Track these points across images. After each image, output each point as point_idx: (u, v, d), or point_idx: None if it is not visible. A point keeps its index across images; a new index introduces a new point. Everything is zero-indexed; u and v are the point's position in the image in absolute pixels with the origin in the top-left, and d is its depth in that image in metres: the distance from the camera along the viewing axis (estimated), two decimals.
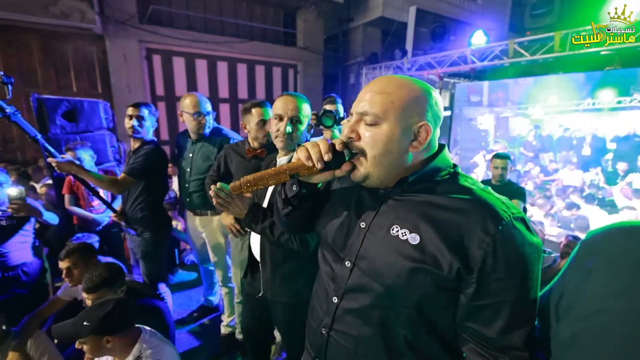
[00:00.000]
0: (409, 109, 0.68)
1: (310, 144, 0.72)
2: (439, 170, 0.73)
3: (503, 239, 0.62)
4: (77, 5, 4.83)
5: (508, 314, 0.64)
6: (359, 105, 0.72)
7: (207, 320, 2.72)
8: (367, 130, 0.70)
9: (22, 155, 5.18)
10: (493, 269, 0.63)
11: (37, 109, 2.96)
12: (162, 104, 6.04)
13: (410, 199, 0.72)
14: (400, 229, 0.70)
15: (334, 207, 0.86)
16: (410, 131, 0.69)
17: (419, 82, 0.72)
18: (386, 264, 0.70)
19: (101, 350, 1.34)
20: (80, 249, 1.96)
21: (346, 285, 0.77)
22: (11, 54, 4.84)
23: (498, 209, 0.65)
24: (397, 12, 7.12)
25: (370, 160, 0.70)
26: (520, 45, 4.65)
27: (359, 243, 0.75)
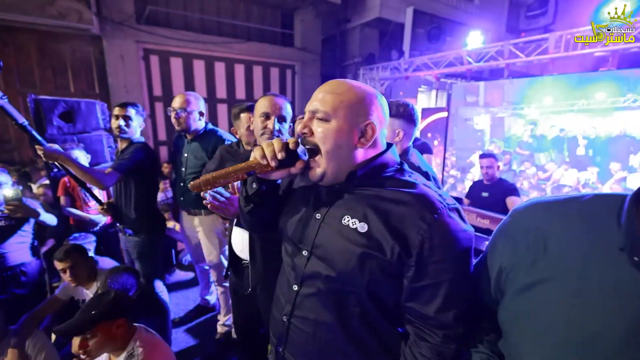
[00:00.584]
0: (356, 108, 0.76)
1: (265, 143, 0.77)
2: (386, 165, 0.82)
3: (438, 226, 0.71)
4: (74, 6, 4.83)
5: (444, 294, 0.73)
6: (311, 104, 0.78)
7: (203, 319, 2.75)
8: (319, 126, 0.77)
9: (20, 156, 5.17)
10: (430, 253, 0.71)
11: (35, 110, 2.97)
12: (160, 105, 6.05)
13: (361, 192, 0.79)
14: (351, 218, 0.77)
15: (294, 204, 0.92)
16: (358, 128, 0.77)
17: (366, 87, 0.80)
18: (338, 250, 0.77)
19: (107, 343, 1.37)
20: (76, 249, 1.98)
21: (304, 273, 0.84)
22: (8, 54, 4.83)
23: (435, 200, 0.74)
24: (394, 13, 7.14)
25: (324, 156, 0.77)
26: (515, 46, 4.70)
27: (315, 233, 0.82)
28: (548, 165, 4.13)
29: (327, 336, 0.83)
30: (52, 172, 3.13)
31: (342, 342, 0.82)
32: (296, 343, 0.88)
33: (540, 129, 4.03)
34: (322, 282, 0.81)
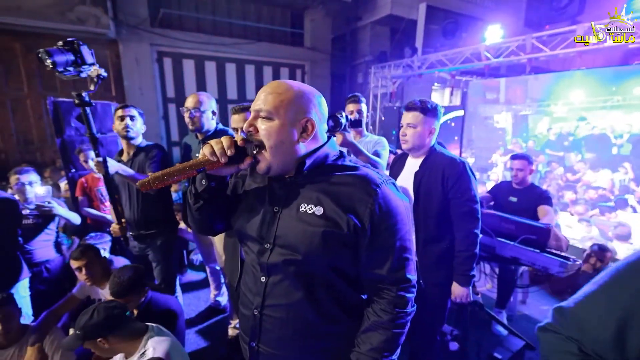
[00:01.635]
0: (296, 106, 0.83)
1: (214, 140, 0.82)
2: (329, 155, 0.91)
3: (381, 196, 0.83)
4: (92, 11, 4.97)
5: (394, 255, 0.86)
6: (255, 104, 0.85)
7: (215, 321, 2.75)
8: (263, 124, 0.83)
9: (42, 156, 5.37)
10: (379, 220, 0.83)
11: (54, 112, 3.07)
12: (173, 106, 6.16)
13: (311, 181, 0.87)
14: (307, 205, 0.85)
15: (249, 204, 0.96)
16: (299, 125, 0.84)
17: (305, 86, 0.88)
18: (300, 234, 0.84)
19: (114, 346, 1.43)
20: (91, 248, 2.03)
21: (268, 264, 0.89)
22: (31, 60, 5.03)
23: (375, 177, 0.86)
24: (407, 10, 7.01)
25: (269, 151, 0.83)
26: (538, 40, 4.47)
27: (275, 225, 0.88)
28: (578, 165, 3.89)
29: (301, 316, 0.89)
30: (70, 172, 3.23)
31: (314, 318, 0.89)
32: (270, 332, 0.93)
33: (568, 127, 3.81)
34: (289, 267, 0.86)
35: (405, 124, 1.73)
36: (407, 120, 1.72)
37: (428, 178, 1.70)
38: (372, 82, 6.97)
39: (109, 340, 1.40)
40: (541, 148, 4.21)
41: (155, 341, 1.45)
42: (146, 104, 5.68)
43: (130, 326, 1.47)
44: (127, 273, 1.75)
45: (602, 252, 3.04)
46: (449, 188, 1.65)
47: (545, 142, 4.08)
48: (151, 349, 1.42)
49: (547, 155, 4.11)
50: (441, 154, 1.74)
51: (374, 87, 6.97)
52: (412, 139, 1.72)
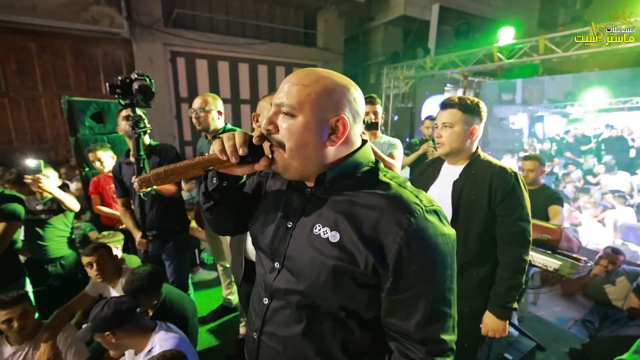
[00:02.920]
0: (325, 102, 0.68)
1: (226, 135, 0.70)
2: (359, 165, 0.74)
3: (416, 231, 0.64)
4: (107, 11, 5.02)
5: (425, 307, 0.65)
6: (277, 97, 0.71)
7: (226, 320, 2.74)
8: (284, 122, 0.69)
9: (56, 154, 5.44)
10: (407, 262, 0.64)
11: (68, 111, 3.09)
12: (186, 105, 6.19)
13: (333, 197, 0.73)
14: (322, 227, 0.71)
15: (265, 209, 0.85)
16: (327, 125, 0.69)
17: (339, 76, 0.72)
18: (308, 262, 0.71)
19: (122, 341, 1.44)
20: (103, 246, 2.02)
21: (272, 286, 0.77)
22: (46, 59, 5.10)
23: (411, 203, 0.66)
24: (419, 11, 6.96)
25: (288, 152, 0.69)
26: (551, 41, 4.42)
27: (286, 243, 0.76)
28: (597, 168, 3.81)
29: (298, 354, 0.75)
30: (84, 171, 3.25)
31: (313, 358, 0.74)
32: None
33: (586, 129, 3.74)
34: (292, 296, 0.74)
35: (441, 124, 1.49)
36: (442, 119, 1.48)
37: (471, 189, 1.44)
38: (385, 83, 6.93)
39: (116, 335, 1.41)
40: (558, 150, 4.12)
41: (162, 338, 1.46)
42: (159, 103, 5.70)
43: (138, 322, 1.48)
44: (142, 275, 1.74)
45: (614, 255, 3.00)
46: (497, 203, 1.40)
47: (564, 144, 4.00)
48: (158, 346, 1.43)
49: (564, 158, 4.02)
50: (487, 162, 1.49)
51: (386, 87, 6.93)
52: (449, 140, 1.47)
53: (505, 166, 1.45)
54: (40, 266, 2.37)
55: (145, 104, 1.77)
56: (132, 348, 1.50)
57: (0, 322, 1.65)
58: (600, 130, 3.63)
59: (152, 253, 2.33)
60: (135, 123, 1.85)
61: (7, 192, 2.03)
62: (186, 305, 1.90)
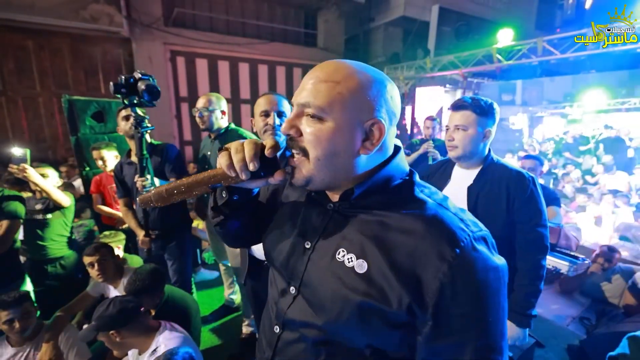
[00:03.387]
0: (360, 102, 0.57)
1: (235, 146, 0.60)
2: (392, 178, 0.63)
3: (462, 265, 0.52)
4: (106, 10, 5.00)
5: (473, 354, 0.54)
6: (300, 96, 0.60)
7: (228, 319, 2.73)
8: (309, 126, 0.58)
9: (54, 154, 5.40)
10: (452, 303, 0.53)
11: (69, 110, 3.07)
12: (186, 105, 6.18)
13: (360, 215, 0.62)
14: (347, 253, 0.60)
15: (280, 222, 0.75)
16: (361, 129, 0.58)
17: (373, 70, 0.61)
18: (329, 295, 0.60)
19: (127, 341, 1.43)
20: (104, 246, 2.01)
21: (285, 315, 0.67)
22: (44, 57, 5.06)
23: (455, 229, 0.55)
24: (419, 12, 6.99)
25: (314, 163, 0.59)
26: (549, 43, 4.46)
27: (303, 266, 0.65)
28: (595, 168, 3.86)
29: None
30: (85, 170, 3.22)
31: None
32: None
33: (585, 129, 3.78)
34: (310, 331, 0.64)
35: (453, 126, 1.41)
36: (455, 120, 1.40)
37: (488, 196, 1.37)
38: None
39: (121, 334, 1.40)
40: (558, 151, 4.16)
41: (166, 338, 1.45)
42: (159, 102, 5.63)
43: (143, 322, 1.48)
44: (145, 274, 1.73)
45: (610, 253, 3.03)
46: (516, 209, 1.35)
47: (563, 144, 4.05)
48: (163, 345, 1.42)
49: (564, 158, 4.07)
50: (502, 166, 1.42)
51: None
52: (462, 144, 1.39)
53: (522, 171, 1.40)
54: (40, 267, 2.34)
55: (150, 104, 1.76)
56: (136, 348, 1.49)
57: (2, 322, 1.63)
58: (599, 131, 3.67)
59: (154, 253, 2.32)
60: (139, 122, 1.83)
61: (7, 192, 2.01)
62: (188, 304, 1.90)
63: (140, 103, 1.73)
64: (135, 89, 1.70)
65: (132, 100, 1.74)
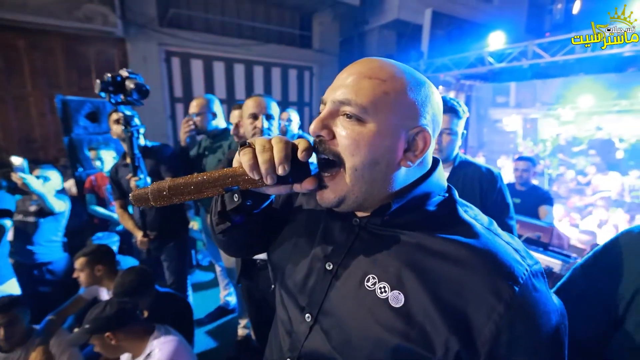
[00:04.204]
0: (407, 106, 0.50)
1: (262, 143, 0.51)
2: (431, 195, 0.55)
3: (522, 306, 0.44)
4: (100, 9, 4.95)
5: None
6: (336, 92, 0.51)
7: (224, 321, 2.72)
8: (346, 128, 0.50)
9: (45, 154, 5.31)
10: (509, 351, 0.44)
11: (62, 110, 3.03)
12: (181, 106, 6.14)
13: (394, 235, 0.53)
14: (379, 281, 0.51)
15: (294, 233, 0.65)
16: (405, 137, 0.51)
17: (418, 73, 0.54)
18: (357, 331, 0.51)
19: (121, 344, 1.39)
20: (95, 252, 1.96)
21: (302, 347, 0.58)
22: (36, 57, 4.99)
23: (511, 263, 0.46)
24: (413, 15, 7.06)
25: (350, 172, 0.51)
26: (539, 46, 4.55)
27: (324, 291, 0.56)
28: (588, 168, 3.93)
29: None
30: (77, 171, 3.18)
31: None
32: None
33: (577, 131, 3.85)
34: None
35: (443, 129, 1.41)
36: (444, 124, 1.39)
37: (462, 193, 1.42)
38: None
39: (116, 336, 1.38)
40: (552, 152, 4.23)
41: (161, 342, 1.42)
42: (153, 103, 5.65)
43: (138, 324, 1.45)
44: (132, 276, 1.69)
45: None
46: (489, 205, 1.39)
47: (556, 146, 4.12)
48: (157, 349, 1.39)
49: (557, 159, 4.14)
50: (472, 164, 1.47)
51: None
52: (448, 147, 1.40)
53: (491, 168, 1.46)
54: (28, 271, 2.30)
55: (138, 103, 1.73)
56: (130, 352, 1.45)
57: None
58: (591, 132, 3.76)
59: (153, 254, 2.30)
60: (127, 122, 1.79)
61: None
62: (178, 304, 1.86)
63: (127, 102, 1.69)
64: (123, 87, 1.67)
65: (118, 99, 1.70)
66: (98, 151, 2.72)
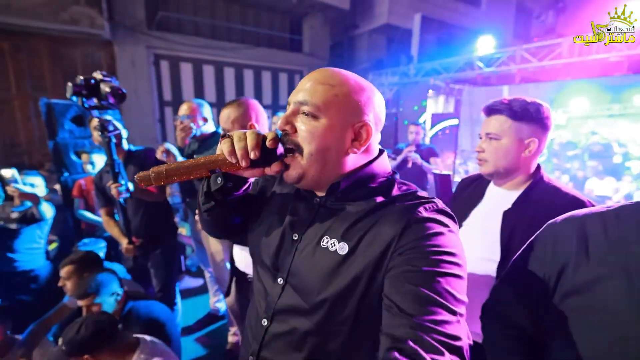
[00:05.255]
0: (352, 105, 0.65)
1: (237, 135, 0.64)
2: (375, 176, 0.70)
3: (422, 219, 0.61)
4: (87, 12, 4.89)
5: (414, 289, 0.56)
6: (297, 95, 0.65)
7: (213, 328, 2.68)
8: (304, 124, 0.64)
9: (29, 159, 5.20)
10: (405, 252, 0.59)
11: (47, 114, 2.97)
12: (169, 109, 6.09)
13: (344, 208, 0.68)
14: (330, 239, 0.66)
15: (268, 216, 0.78)
16: (351, 130, 0.65)
17: (363, 79, 0.69)
18: (315, 278, 0.65)
19: None
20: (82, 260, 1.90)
21: (276, 305, 0.70)
22: (21, 59, 4.89)
23: (419, 206, 0.64)
24: (402, 19, 7.15)
25: (307, 157, 0.65)
26: (527, 51, 4.66)
27: (291, 257, 0.70)
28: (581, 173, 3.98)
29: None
30: (63, 176, 3.12)
31: None
32: None
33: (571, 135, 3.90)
34: (297, 319, 0.67)
35: (484, 134, 1.13)
36: (487, 128, 1.12)
37: (530, 225, 0.92)
38: None
39: (96, 357, 1.28)
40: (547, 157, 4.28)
41: (147, 354, 1.37)
42: (142, 107, 5.60)
43: (120, 341, 1.36)
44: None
45: None
46: None
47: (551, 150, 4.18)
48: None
49: (552, 164, 4.20)
50: (554, 189, 1.06)
51: None
52: (493, 157, 1.09)
53: (581, 197, 1.01)
54: (8, 278, 2.23)
55: (113, 107, 1.64)
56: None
57: None
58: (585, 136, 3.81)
59: (139, 261, 2.25)
60: (104, 127, 1.69)
61: None
62: (154, 313, 1.77)
63: (101, 106, 1.60)
64: (97, 91, 1.58)
65: (92, 104, 1.60)
66: (90, 155, 2.66)
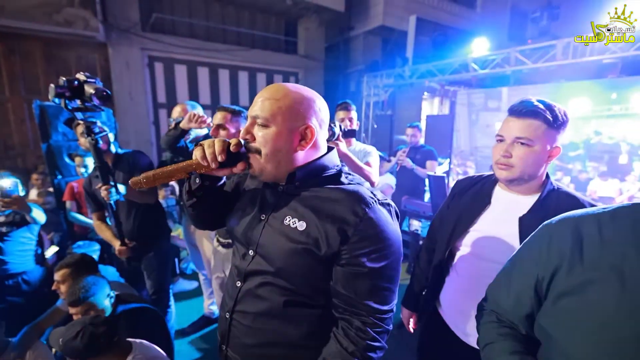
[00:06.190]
0: (294, 113, 0.79)
1: (207, 143, 0.80)
2: (325, 167, 0.86)
3: (369, 218, 0.77)
4: (81, 14, 4.86)
5: (371, 283, 0.79)
6: (252, 110, 0.82)
7: (208, 331, 2.67)
8: (259, 131, 0.80)
9: (23, 162, 5.16)
10: (361, 245, 0.77)
11: (40, 116, 2.96)
12: (164, 111, 6.06)
13: (302, 194, 0.85)
14: (292, 218, 0.83)
15: (242, 205, 0.96)
16: (297, 132, 0.80)
17: (306, 89, 0.84)
18: (279, 248, 0.83)
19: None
20: (77, 263, 1.89)
21: (246, 269, 0.89)
22: (14, 62, 4.86)
23: (365, 196, 0.80)
24: (398, 21, 7.18)
25: (264, 158, 0.81)
26: (521, 53, 4.68)
27: (259, 233, 0.87)
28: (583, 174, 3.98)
29: (265, 326, 0.88)
30: (56, 178, 3.10)
31: (279, 330, 0.86)
32: (236, 338, 0.92)
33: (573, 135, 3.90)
34: (263, 278, 0.86)
35: (513, 138, 1.02)
36: (517, 131, 1.01)
37: None
38: (365, 91, 7.05)
39: None
40: None
41: (140, 357, 1.36)
42: (136, 109, 5.57)
43: (114, 348, 1.35)
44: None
45: None
46: None
47: None
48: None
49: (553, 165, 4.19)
50: (568, 195, 1.03)
51: (366, 95, 7.05)
52: (522, 163, 1.01)
53: (594, 204, 1.00)
54: None
55: (98, 108, 1.61)
56: None
57: None
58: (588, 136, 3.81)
59: (134, 263, 2.24)
60: (89, 129, 1.67)
61: None
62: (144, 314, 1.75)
63: (85, 108, 1.58)
64: (81, 92, 1.56)
65: (75, 105, 1.59)
66: (84, 158, 2.65)
